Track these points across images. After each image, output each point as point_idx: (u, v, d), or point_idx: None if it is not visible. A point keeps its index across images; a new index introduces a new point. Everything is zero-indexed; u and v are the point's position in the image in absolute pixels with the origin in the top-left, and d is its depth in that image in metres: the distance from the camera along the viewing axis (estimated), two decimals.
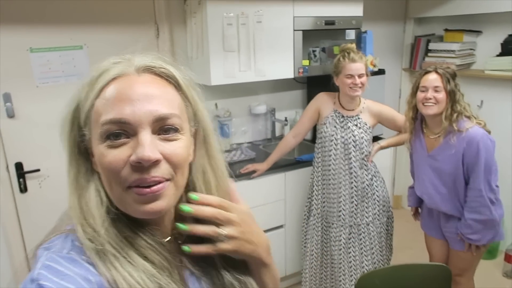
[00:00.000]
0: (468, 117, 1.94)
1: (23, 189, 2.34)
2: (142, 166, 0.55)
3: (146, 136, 0.55)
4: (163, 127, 0.58)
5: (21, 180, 2.32)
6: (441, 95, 1.92)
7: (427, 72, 1.98)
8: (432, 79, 1.94)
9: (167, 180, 0.58)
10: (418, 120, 2.12)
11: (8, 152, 2.28)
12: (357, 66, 2.18)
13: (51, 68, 2.32)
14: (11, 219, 2.32)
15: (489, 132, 1.93)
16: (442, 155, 1.99)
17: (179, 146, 0.59)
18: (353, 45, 2.26)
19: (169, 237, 0.65)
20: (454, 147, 1.93)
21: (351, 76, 2.18)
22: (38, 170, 2.35)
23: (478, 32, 3.24)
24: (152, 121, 0.56)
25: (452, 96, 1.92)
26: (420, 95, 1.98)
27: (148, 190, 0.56)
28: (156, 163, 0.56)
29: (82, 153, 0.62)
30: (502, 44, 3.01)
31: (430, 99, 1.93)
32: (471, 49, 3.28)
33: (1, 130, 2.25)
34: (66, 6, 2.31)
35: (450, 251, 2.16)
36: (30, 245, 2.38)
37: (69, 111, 0.61)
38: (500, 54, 3.02)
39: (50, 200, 2.35)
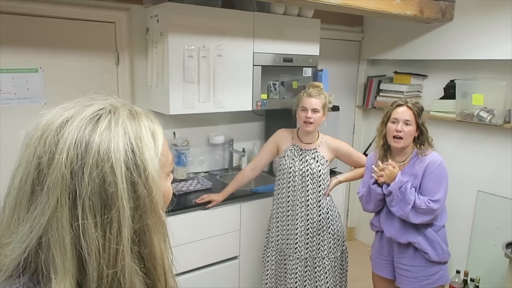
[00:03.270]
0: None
1: None
2: None
3: None
4: None
5: None
6: (411, 128, 2.05)
7: (399, 105, 2.10)
8: (403, 112, 2.06)
9: None
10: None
11: None
12: (312, 101, 2.26)
13: (2, 89, 2.24)
14: None
15: None
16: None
17: None
18: (320, 83, 2.36)
19: None
20: (416, 171, 2.06)
21: (305, 109, 2.27)
22: None
23: (424, 76, 3.50)
24: None
25: (421, 130, 2.06)
26: (391, 126, 2.08)
27: None
28: None
29: None
30: (444, 88, 3.26)
31: (400, 131, 2.04)
32: (418, 91, 3.51)
33: None
34: (23, 27, 2.27)
35: None
36: None
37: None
38: (443, 97, 3.26)
39: None
